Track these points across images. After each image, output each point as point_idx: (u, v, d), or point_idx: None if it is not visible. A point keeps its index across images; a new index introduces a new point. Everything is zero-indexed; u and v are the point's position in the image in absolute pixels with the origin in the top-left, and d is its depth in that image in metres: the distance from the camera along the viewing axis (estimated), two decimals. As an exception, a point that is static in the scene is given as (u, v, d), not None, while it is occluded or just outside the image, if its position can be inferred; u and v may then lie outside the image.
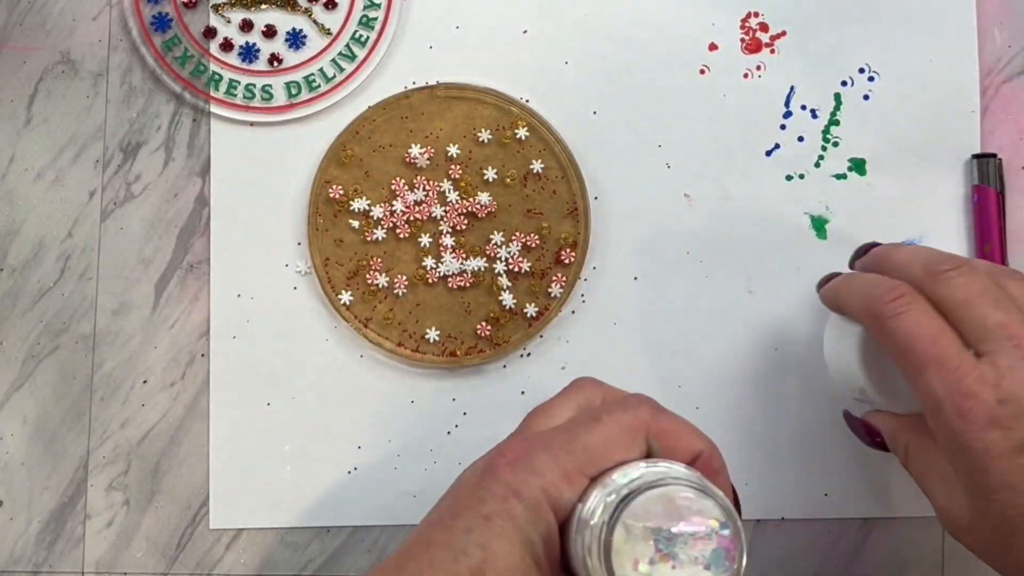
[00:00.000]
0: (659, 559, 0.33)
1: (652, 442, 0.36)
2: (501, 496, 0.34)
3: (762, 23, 0.55)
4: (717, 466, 0.38)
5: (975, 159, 0.54)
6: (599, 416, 0.36)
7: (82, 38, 0.55)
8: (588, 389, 0.40)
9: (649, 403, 0.38)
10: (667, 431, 0.37)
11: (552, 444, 0.36)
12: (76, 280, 0.54)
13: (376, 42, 0.55)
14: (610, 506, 0.33)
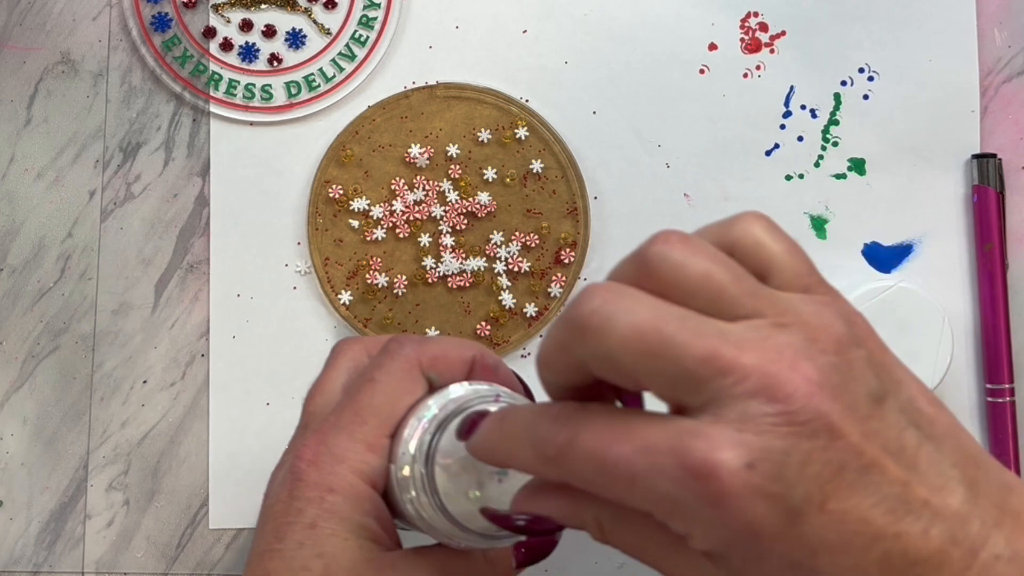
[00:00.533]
0: (485, 479, 0.32)
1: (429, 374, 0.36)
2: (316, 498, 0.34)
3: (762, 23, 0.55)
4: (492, 362, 0.37)
5: (975, 159, 0.54)
6: (372, 375, 0.35)
7: (82, 38, 0.55)
8: (351, 350, 0.39)
9: (408, 339, 0.37)
10: (436, 356, 0.36)
11: (342, 423, 0.35)
12: (76, 280, 0.54)
13: (376, 42, 0.55)
14: (420, 456, 0.33)
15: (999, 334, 0.53)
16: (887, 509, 0.25)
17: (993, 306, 0.53)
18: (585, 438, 0.26)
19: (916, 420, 0.26)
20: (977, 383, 0.54)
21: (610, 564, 0.53)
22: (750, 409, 0.25)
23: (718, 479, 0.24)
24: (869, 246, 0.54)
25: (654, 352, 0.25)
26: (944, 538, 0.25)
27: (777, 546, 0.25)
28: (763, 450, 0.24)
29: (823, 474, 0.25)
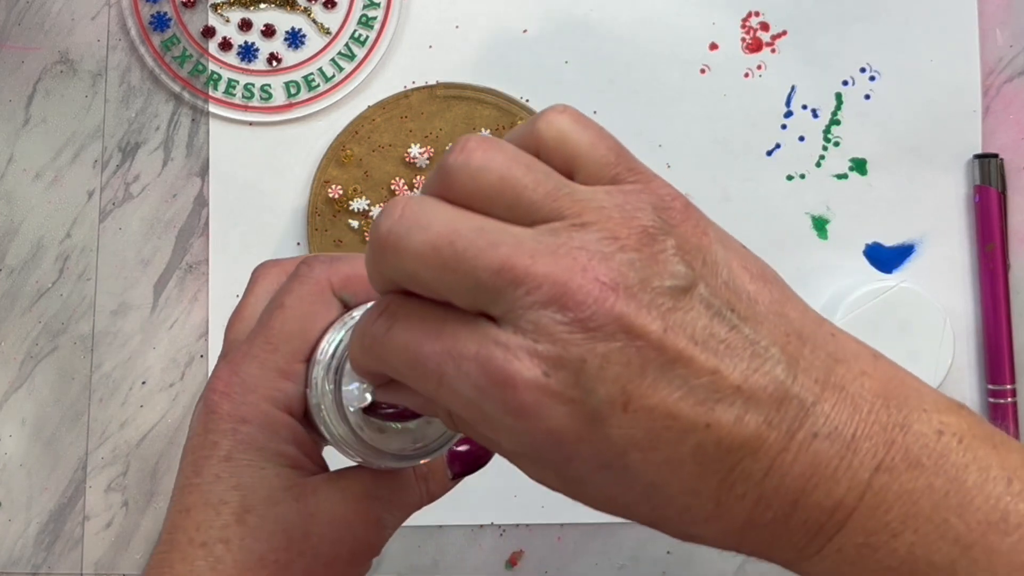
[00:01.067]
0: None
1: (342, 294, 0.35)
2: (230, 430, 0.33)
3: (763, 22, 0.55)
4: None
5: (976, 159, 0.54)
6: (281, 301, 0.34)
7: (81, 38, 0.55)
8: (270, 274, 0.37)
9: (318, 260, 0.35)
10: (348, 276, 0.35)
11: (254, 351, 0.34)
12: (75, 280, 0.54)
13: (376, 42, 0.55)
14: (330, 379, 0.33)
15: (1001, 334, 0.53)
16: (696, 401, 0.25)
17: (995, 306, 0.53)
18: (398, 332, 0.27)
19: (732, 302, 0.26)
20: (979, 383, 0.54)
21: (610, 564, 0.53)
22: (543, 319, 0.24)
23: (515, 388, 0.24)
24: (870, 246, 0.54)
25: (448, 266, 0.25)
26: (759, 422, 0.25)
27: (583, 449, 0.25)
28: (558, 358, 0.24)
29: (624, 375, 0.24)
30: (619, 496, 0.26)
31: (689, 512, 0.26)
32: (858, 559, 0.25)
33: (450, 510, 0.53)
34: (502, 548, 0.53)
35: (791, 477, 0.25)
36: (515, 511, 0.53)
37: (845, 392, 0.26)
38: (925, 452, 0.25)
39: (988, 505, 0.25)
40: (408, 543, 0.53)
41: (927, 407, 0.26)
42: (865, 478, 0.25)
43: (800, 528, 0.25)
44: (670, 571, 0.53)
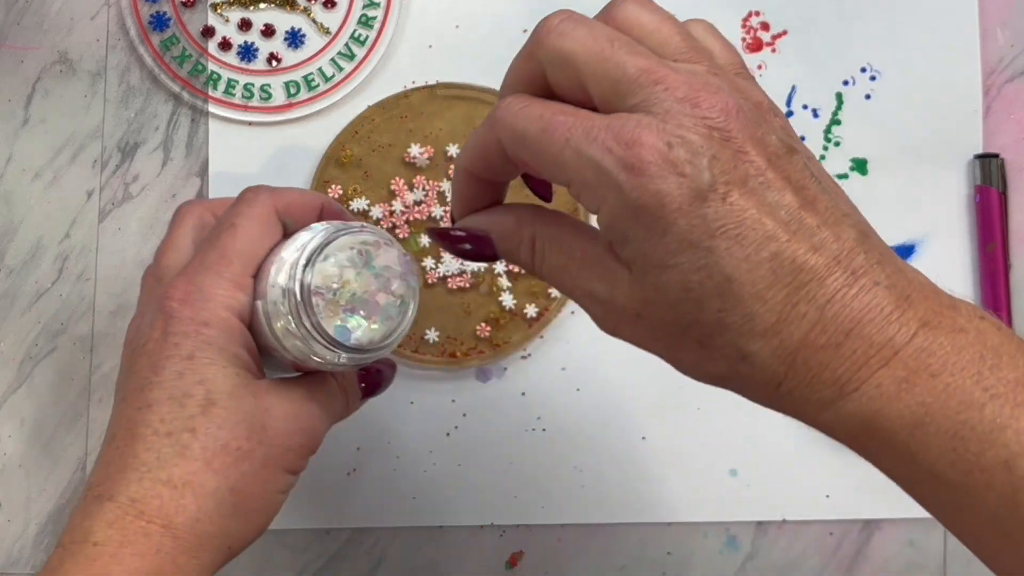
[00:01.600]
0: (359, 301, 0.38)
1: (284, 219, 0.40)
2: (192, 332, 0.37)
3: (763, 22, 0.55)
4: (337, 208, 0.42)
5: (977, 159, 0.54)
6: (232, 221, 0.39)
7: (80, 37, 0.55)
8: (195, 211, 0.43)
9: (262, 187, 0.40)
10: (289, 203, 0.40)
11: (208, 263, 0.38)
12: (74, 281, 0.54)
13: (375, 41, 0.55)
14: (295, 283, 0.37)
15: (1002, 335, 0.53)
16: (782, 221, 0.29)
17: (996, 306, 0.53)
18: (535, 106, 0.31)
19: (821, 179, 0.30)
20: (979, 384, 0.54)
21: (610, 565, 0.53)
22: (674, 108, 0.29)
23: (640, 146, 0.29)
24: (871, 246, 0.54)
25: (604, 57, 0.30)
26: (830, 257, 0.29)
27: (680, 220, 0.29)
28: (682, 138, 0.29)
29: (729, 173, 0.29)
30: (695, 287, 0.29)
31: (752, 320, 0.29)
32: (895, 394, 0.28)
33: (450, 510, 0.53)
34: (502, 549, 0.53)
35: (850, 309, 0.28)
36: (515, 512, 0.53)
37: (904, 274, 0.30)
38: (969, 326, 0.29)
39: (1019, 371, 0.28)
40: (408, 544, 0.53)
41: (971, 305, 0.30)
42: (915, 327, 0.28)
43: (848, 358, 0.28)
44: (670, 571, 0.53)
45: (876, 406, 0.28)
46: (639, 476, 0.53)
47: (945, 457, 0.28)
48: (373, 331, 0.38)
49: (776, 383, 0.30)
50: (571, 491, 0.53)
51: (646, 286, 0.30)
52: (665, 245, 0.29)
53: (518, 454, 0.53)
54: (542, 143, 0.31)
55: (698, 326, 0.30)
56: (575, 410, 0.54)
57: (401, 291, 0.39)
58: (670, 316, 0.30)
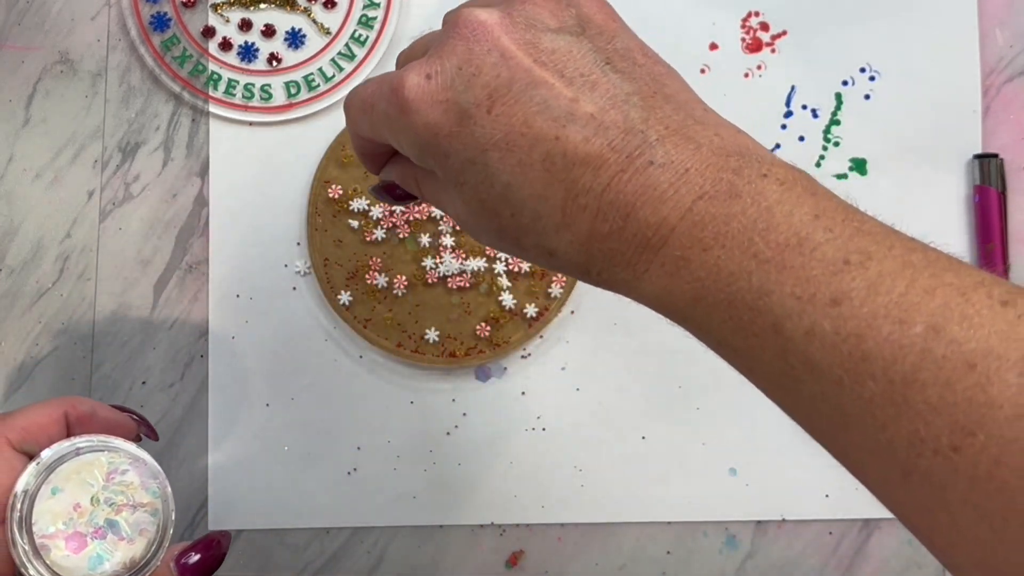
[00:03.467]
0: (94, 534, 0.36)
1: (23, 447, 0.37)
2: None
3: (763, 22, 0.55)
4: (87, 409, 0.39)
5: (976, 159, 0.54)
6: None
7: (81, 38, 0.55)
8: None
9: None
10: (24, 428, 0.37)
11: None
12: (75, 280, 0.54)
13: (376, 42, 0.55)
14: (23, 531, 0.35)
15: (1001, 335, 0.53)
16: (551, 118, 0.30)
17: (995, 306, 0.53)
18: (356, 88, 0.35)
19: (613, 60, 0.31)
20: (979, 384, 0.54)
21: (610, 564, 0.53)
22: (442, 40, 0.31)
23: (403, 88, 0.31)
24: (870, 246, 0.54)
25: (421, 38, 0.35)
26: (603, 144, 0.29)
27: (454, 143, 0.31)
28: (440, 66, 0.31)
29: (491, 84, 0.30)
30: (486, 198, 0.31)
31: (541, 220, 0.30)
32: (675, 271, 0.29)
33: (450, 510, 0.53)
34: (502, 548, 0.53)
35: (625, 194, 0.29)
36: (515, 511, 0.53)
37: (691, 140, 0.29)
38: (747, 189, 0.28)
39: (790, 232, 0.28)
40: (408, 543, 0.53)
41: (763, 160, 0.30)
42: (688, 203, 0.29)
43: (632, 242, 0.29)
44: (670, 571, 0.53)
45: (663, 284, 0.29)
46: (639, 476, 0.53)
47: (725, 326, 0.28)
48: (131, 549, 0.36)
49: (585, 270, 0.31)
50: (571, 491, 0.53)
51: (462, 202, 0.32)
52: (451, 167, 0.31)
53: (518, 454, 0.53)
54: (363, 116, 0.34)
55: (506, 231, 0.31)
56: (575, 410, 0.54)
57: (147, 499, 0.37)
58: (486, 223, 0.32)
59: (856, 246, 0.27)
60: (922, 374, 0.25)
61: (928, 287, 0.26)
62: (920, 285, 0.26)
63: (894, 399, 0.25)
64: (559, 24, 0.31)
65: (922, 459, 0.25)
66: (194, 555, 0.37)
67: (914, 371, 0.25)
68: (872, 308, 0.26)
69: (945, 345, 0.25)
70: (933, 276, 0.26)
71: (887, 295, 0.26)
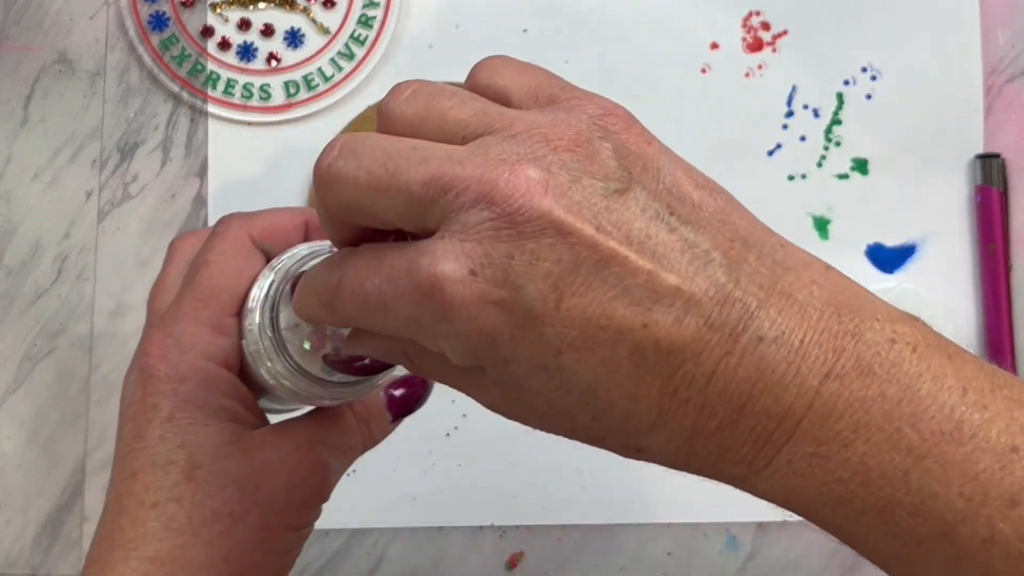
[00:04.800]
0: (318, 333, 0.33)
1: (263, 245, 0.36)
2: (170, 391, 0.33)
3: (764, 22, 0.55)
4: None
5: (978, 159, 0.54)
6: (205, 259, 0.35)
7: (79, 37, 0.55)
8: (186, 243, 0.38)
9: (236, 216, 0.36)
10: (266, 227, 0.36)
11: (183, 310, 0.34)
12: (73, 281, 0.54)
13: (375, 41, 0.55)
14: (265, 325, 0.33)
15: (1003, 335, 0.53)
16: (632, 301, 0.24)
17: (996, 307, 0.53)
18: (347, 279, 0.27)
19: (673, 207, 0.26)
20: (980, 384, 0.54)
21: (610, 565, 0.53)
22: (471, 219, 0.24)
23: (442, 291, 0.24)
24: (872, 247, 0.54)
25: (382, 186, 0.25)
26: (699, 324, 0.24)
27: (519, 349, 0.25)
28: (485, 256, 0.24)
29: (555, 272, 0.24)
30: (559, 404, 0.26)
31: (631, 420, 0.26)
32: (808, 471, 0.25)
33: (450, 511, 0.53)
34: (502, 549, 0.53)
35: (736, 382, 0.24)
36: (515, 512, 0.53)
37: (793, 299, 0.25)
38: (877, 360, 0.24)
39: (942, 415, 0.24)
40: (407, 545, 0.53)
41: (880, 316, 0.25)
42: (814, 385, 0.24)
43: (748, 437, 0.25)
44: (670, 572, 0.53)
45: (791, 484, 0.25)
46: (639, 476, 0.53)
47: (878, 532, 0.25)
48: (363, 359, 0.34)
49: (683, 465, 0.27)
50: (571, 491, 0.53)
51: (514, 405, 0.27)
52: (513, 373, 0.26)
53: (518, 454, 0.53)
54: (368, 319, 0.27)
55: (582, 432, 0.27)
56: (575, 411, 0.53)
57: None
58: (549, 426, 0.27)
59: (1020, 425, 0.24)
60: None
61: None
62: None
63: None
64: (603, 171, 0.25)
65: None
66: (401, 389, 0.37)
67: None
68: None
69: None
70: None
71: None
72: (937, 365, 0.24)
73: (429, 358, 0.28)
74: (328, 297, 0.28)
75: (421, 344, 0.27)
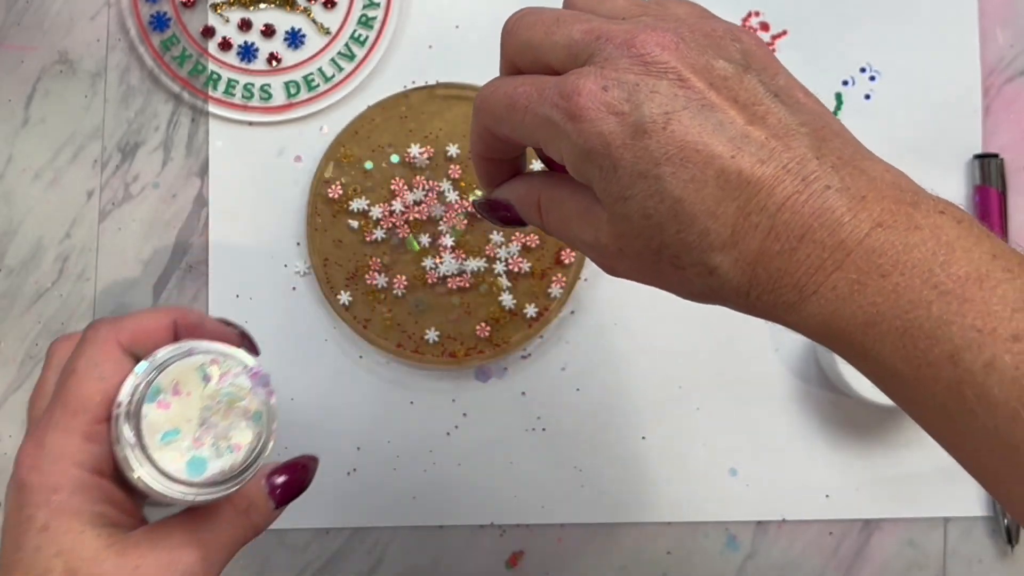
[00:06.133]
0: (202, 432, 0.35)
1: (133, 350, 0.36)
2: (43, 502, 0.34)
3: (763, 22, 0.55)
4: (195, 319, 0.38)
5: (977, 159, 0.54)
6: (73, 367, 0.36)
7: (80, 37, 0.55)
8: (62, 349, 0.39)
9: (103, 321, 0.37)
10: (134, 332, 0.37)
11: (53, 420, 0.35)
12: (74, 281, 0.54)
13: (375, 42, 0.55)
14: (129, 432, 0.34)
15: (1001, 335, 0.53)
16: (727, 138, 0.30)
17: (995, 307, 0.53)
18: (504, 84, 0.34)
19: (780, 95, 0.31)
20: (979, 384, 0.54)
21: (610, 565, 0.53)
22: (613, 54, 0.31)
23: (578, 95, 0.31)
24: (871, 246, 0.54)
25: (555, 31, 0.33)
26: (778, 167, 0.30)
27: (626, 155, 0.30)
28: (618, 80, 0.31)
29: (668, 103, 0.30)
30: (654, 212, 0.31)
31: (708, 236, 0.30)
32: (849, 295, 0.29)
33: (450, 510, 0.53)
34: (502, 548, 0.53)
35: (801, 215, 0.29)
36: (515, 511, 0.53)
37: (864, 173, 0.30)
38: (926, 222, 0.29)
39: (971, 267, 0.28)
40: (408, 543, 0.53)
41: (939, 200, 0.30)
42: (867, 228, 0.29)
43: (804, 263, 0.29)
44: (670, 571, 0.53)
45: (832, 307, 0.29)
46: (639, 476, 0.53)
47: (897, 353, 0.28)
48: (231, 457, 0.35)
49: (745, 292, 0.31)
50: (571, 491, 0.53)
51: (616, 221, 0.32)
52: (619, 180, 0.31)
53: (518, 454, 0.53)
54: (510, 116, 0.33)
55: (666, 248, 0.31)
56: (575, 410, 0.54)
57: (254, 406, 0.36)
58: (642, 244, 0.32)
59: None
60: None
61: None
62: None
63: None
64: (728, 55, 0.31)
65: None
66: (283, 476, 0.38)
67: None
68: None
69: None
70: None
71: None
72: (975, 235, 0.29)
73: (557, 207, 0.35)
74: (484, 99, 0.34)
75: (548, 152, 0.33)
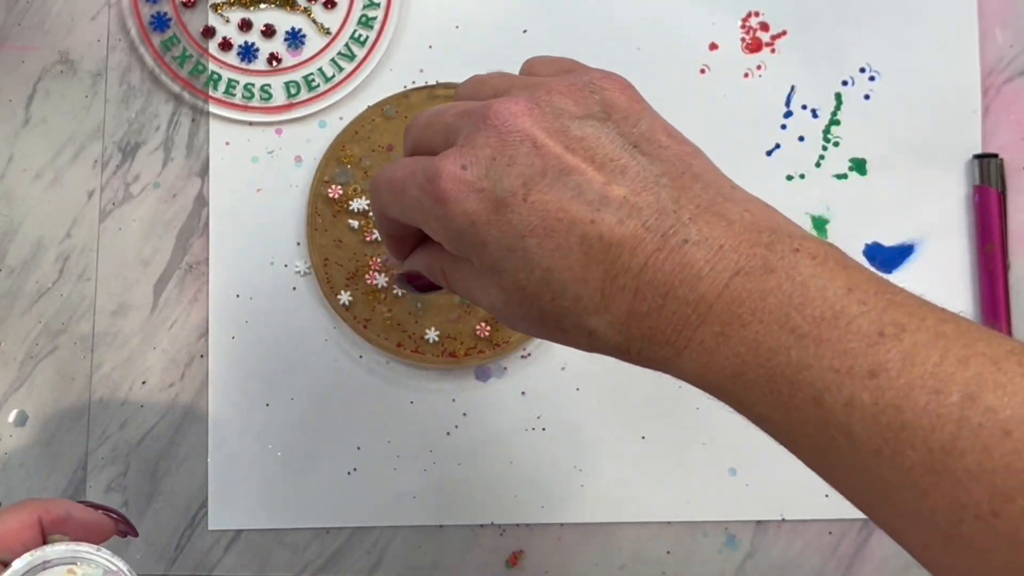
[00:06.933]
0: None
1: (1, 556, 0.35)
2: None
3: (763, 22, 0.55)
4: (61, 512, 0.37)
5: (976, 159, 0.54)
6: None
7: (80, 38, 0.55)
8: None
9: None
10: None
11: None
12: (75, 280, 0.54)
13: (376, 42, 0.55)
14: None
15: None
16: (585, 202, 0.31)
17: (994, 307, 0.53)
18: (388, 170, 0.36)
19: (640, 144, 0.32)
20: (978, 384, 0.54)
21: (610, 564, 0.53)
22: (473, 131, 0.32)
23: (439, 178, 0.32)
24: (870, 246, 0.54)
25: (434, 120, 0.35)
26: (637, 225, 0.30)
27: (492, 232, 0.31)
28: (475, 156, 0.32)
29: (525, 173, 0.31)
30: (526, 283, 0.32)
31: (581, 301, 0.31)
32: (714, 348, 0.30)
33: (450, 509, 0.53)
34: (502, 548, 0.53)
35: (662, 273, 0.30)
36: (515, 511, 0.53)
37: (723, 218, 0.30)
38: (780, 264, 0.29)
39: (825, 305, 0.28)
40: (407, 543, 0.53)
41: (793, 235, 0.30)
42: (724, 279, 0.29)
43: (671, 320, 0.30)
44: (669, 570, 0.53)
45: (703, 360, 0.30)
46: (639, 476, 0.53)
47: (765, 400, 0.29)
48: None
49: (625, 349, 0.32)
50: (571, 491, 0.53)
51: (499, 291, 0.33)
52: (489, 255, 0.32)
53: (518, 454, 0.53)
54: (392, 200, 0.35)
55: (548, 315, 0.32)
56: (575, 410, 0.54)
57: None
58: (525, 310, 0.33)
59: (890, 318, 0.28)
60: (960, 442, 0.26)
61: (962, 357, 0.27)
62: (954, 355, 0.27)
63: (934, 467, 0.26)
64: (585, 111, 0.32)
65: (963, 525, 0.26)
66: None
67: (952, 439, 0.26)
68: (908, 379, 0.27)
69: (981, 413, 0.26)
70: (966, 346, 0.27)
71: (922, 366, 0.27)
72: (831, 271, 0.29)
73: (457, 271, 0.35)
74: (374, 177, 0.36)
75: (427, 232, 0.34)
